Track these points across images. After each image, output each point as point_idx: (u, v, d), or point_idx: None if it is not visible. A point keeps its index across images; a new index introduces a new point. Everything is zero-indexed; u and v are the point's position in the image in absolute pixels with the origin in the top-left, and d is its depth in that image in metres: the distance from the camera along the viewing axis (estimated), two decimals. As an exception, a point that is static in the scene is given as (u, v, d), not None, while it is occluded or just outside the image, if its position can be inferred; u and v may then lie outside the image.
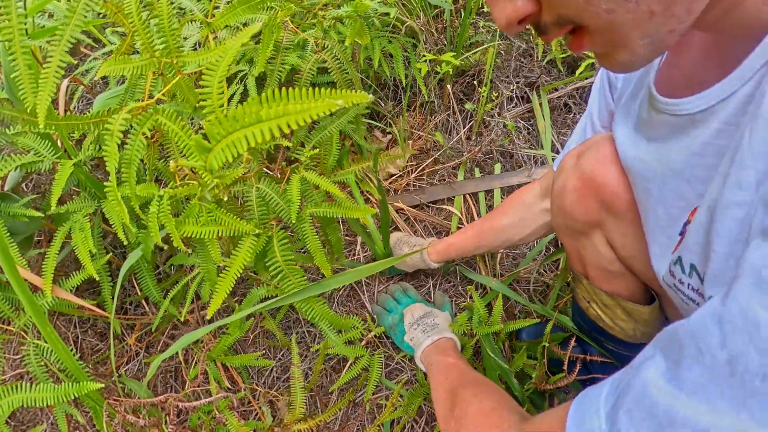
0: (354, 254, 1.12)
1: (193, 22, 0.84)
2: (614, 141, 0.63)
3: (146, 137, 0.45)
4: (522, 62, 1.51)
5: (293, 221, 0.58)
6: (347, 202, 0.59)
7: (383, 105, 1.34)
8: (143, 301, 1.09)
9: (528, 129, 1.39)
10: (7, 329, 0.82)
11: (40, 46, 1.01)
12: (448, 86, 1.33)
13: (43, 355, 0.80)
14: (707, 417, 0.30)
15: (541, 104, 1.40)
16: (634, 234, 0.63)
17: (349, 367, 0.93)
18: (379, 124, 1.31)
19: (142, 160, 0.83)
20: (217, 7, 0.90)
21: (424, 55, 1.22)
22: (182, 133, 0.40)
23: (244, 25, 0.72)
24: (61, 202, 0.92)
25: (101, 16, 1.32)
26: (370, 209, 0.58)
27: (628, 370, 0.38)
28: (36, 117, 0.54)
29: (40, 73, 0.44)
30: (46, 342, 0.81)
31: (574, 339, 0.82)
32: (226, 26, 0.79)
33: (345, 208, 0.59)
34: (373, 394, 0.97)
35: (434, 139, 1.28)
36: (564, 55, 1.42)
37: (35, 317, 0.66)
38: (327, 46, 0.69)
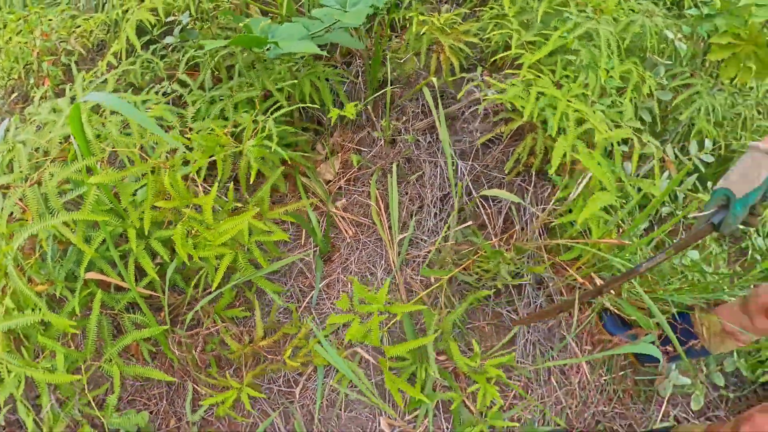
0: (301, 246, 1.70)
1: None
2: None
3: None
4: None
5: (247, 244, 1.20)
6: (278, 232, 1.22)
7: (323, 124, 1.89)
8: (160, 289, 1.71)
9: (430, 141, 1.91)
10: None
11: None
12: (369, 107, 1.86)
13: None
14: None
15: (439, 117, 1.92)
16: None
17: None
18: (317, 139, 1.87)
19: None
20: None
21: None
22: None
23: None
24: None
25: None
26: (283, 235, 1.19)
27: None
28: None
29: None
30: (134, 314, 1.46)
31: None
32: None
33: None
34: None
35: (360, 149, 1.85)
36: (453, 78, 1.92)
37: (141, 303, 1.31)
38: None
